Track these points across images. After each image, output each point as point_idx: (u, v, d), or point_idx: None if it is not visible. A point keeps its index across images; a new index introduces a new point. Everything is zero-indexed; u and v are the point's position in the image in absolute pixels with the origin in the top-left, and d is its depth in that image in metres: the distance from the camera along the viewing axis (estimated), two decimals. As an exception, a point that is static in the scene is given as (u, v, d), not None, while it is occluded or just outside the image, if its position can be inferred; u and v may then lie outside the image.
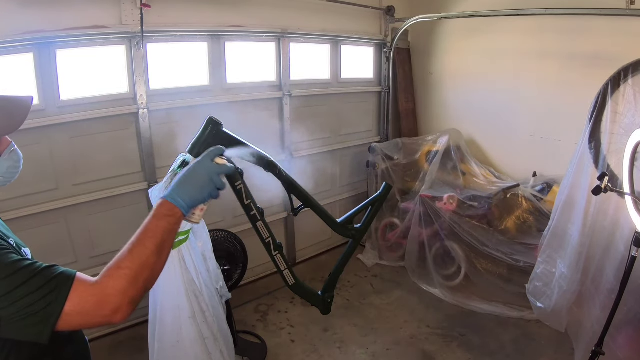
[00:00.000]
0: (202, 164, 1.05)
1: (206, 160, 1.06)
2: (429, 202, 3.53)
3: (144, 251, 0.93)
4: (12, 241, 0.99)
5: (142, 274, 0.92)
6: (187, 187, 1.01)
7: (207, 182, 1.03)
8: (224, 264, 2.59)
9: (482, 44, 3.97)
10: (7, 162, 1.05)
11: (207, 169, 1.04)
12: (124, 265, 0.91)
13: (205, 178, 1.03)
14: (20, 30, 2.35)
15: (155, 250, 0.94)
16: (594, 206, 2.39)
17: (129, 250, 0.93)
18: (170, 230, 0.98)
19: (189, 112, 3.01)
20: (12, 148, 1.06)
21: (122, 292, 0.88)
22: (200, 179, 1.03)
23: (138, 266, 0.91)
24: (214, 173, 1.04)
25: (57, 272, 0.88)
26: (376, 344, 2.97)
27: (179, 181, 1.02)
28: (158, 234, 0.95)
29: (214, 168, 1.05)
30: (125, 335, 2.96)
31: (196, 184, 1.02)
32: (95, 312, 0.87)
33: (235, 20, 3.21)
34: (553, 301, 2.64)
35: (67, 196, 2.69)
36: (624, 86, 2.32)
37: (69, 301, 0.85)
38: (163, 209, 0.98)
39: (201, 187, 1.02)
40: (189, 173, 1.03)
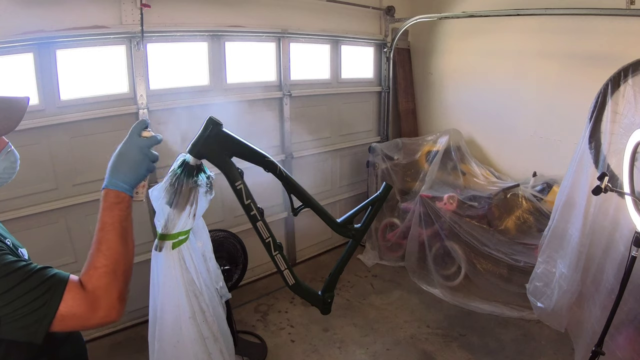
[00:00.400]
0: (129, 142, 1.06)
1: (133, 137, 1.07)
2: (429, 202, 3.53)
3: (110, 245, 0.95)
4: (9, 242, 1.00)
5: (119, 266, 0.94)
6: (123, 169, 1.03)
7: (141, 158, 1.05)
8: (224, 264, 2.59)
9: (482, 44, 3.97)
10: (4, 162, 1.04)
11: (136, 145, 1.05)
12: (99, 264, 0.93)
13: (138, 155, 1.04)
14: (20, 30, 2.35)
15: (120, 241, 0.97)
16: (594, 206, 2.39)
17: (96, 249, 0.95)
18: (126, 216, 1.01)
19: (189, 112, 3.00)
20: (8, 149, 1.05)
21: (108, 289, 0.91)
22: (132, 157, 1.04)
23: (112, 260, 0.94)
24: (144, 147, 1.05)
25: (51, 274, 0.89)
26: (376, 344, 2.97)
27: (113, 165, 1.04)
28: (116, 224, 0.98)
29: (142, 142, 1.06)
30: (125, 335, 2.97)
31: (131, 163, 1.04)
32: (90, 315, 0.89)
33: (235, 20, 3.21)
34: (553, 301, 2.64)
35: (67, 196, 2.69)
36: (624, 86, 2.31)
37: (63, 302, 0.87)
38: (110, 199, 1.01)
39: (137, 165, 1.04)
40: (121, 154, 1.05)
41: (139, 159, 1.04)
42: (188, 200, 1.60)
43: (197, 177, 1.56)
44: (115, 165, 1.03)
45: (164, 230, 1.72)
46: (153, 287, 2.05)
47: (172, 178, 1.55)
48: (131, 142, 1.06)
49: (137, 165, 1.04)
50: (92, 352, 1.18)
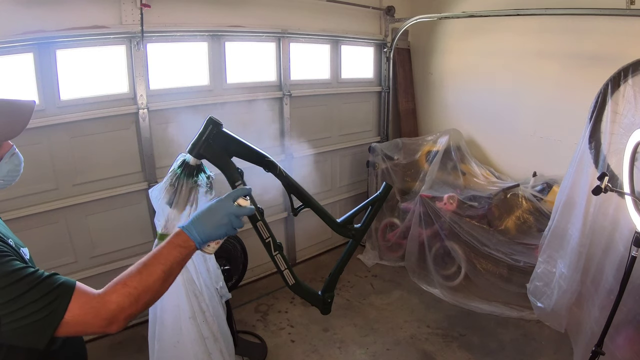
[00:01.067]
0: (224, 203, 1.08)
1: (229, 201, 1.09)
2: (429, 202, 3.53)
3: (152, 275, 0.96)
4: (11, 241, 1.00)
5: (145, 296, 0.95)
6: (205, 223, 1.04)
7: (226, 222, 1.06)
8: (224, 264, 2.59)
9: (482, 44, 3.97)
10: (8, 165, 1.05)
11: (228, 209, 1.07)
12: (131, 284, 0.94)
13: (225, 219, 1.06)
14: (20, 30, 2.35)
15: (163, 277, 0.98)
16: (594, 206, 2.39)
17: (138, 270, 0.96)
18: (181, 260, 1.02)
19: (189, 112, 3.01)
20: (13, 152, 1.06)
21: (121, 309, 0.92)
22: (219, 218, 1.06)
23: (143, 288, 0.95)
24: (233, 215, 1.07)
25: (58, 282, 0.89)
26: (376, 344, 2.97)
27: (200, 215, 1.06)
28: (168, 262, 0.99)
29: (234, 210, 1.08)
30: (125, 335, 2.96)
31: (215, 222, 1.05)
32: (92, 322, 0.90)
33: (235, 20, 3.21)
34: (553, 301, 2.64)
35: (67, 196, 2.69)
36: (624, 86, 2.31)
37: (69, 311, 0.87)
38: (179, 240, 1.02)
39: (219, 226, 1.06)
40: (210, 210, 1.07)
41: (224, 223, 1.06)
42: (188, 200, 1.60)
43: (197, 177, 1.56)
44: (201, 216, 1.06)
45: (164, 230, 1.72)
46: (153, 287, 2.04)
47: (172, 178, 1.55)
48: (224, 204, 1.08)
49: (219, 227, 1.06)
50: (92, 352, 1.18)
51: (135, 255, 2.96)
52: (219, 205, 1.07)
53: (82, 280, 2.84)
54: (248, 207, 1.11)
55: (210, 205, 1.08)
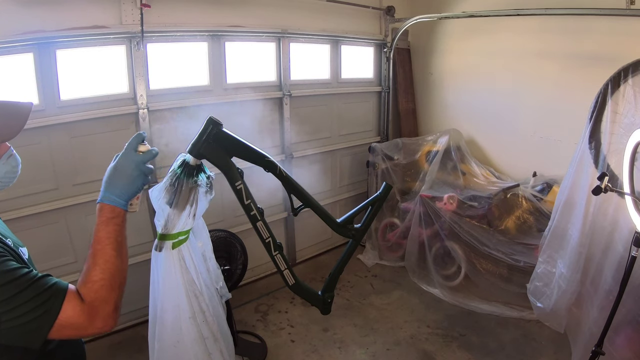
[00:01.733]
0: (125, 157, 1.07)
1: (129, 153, 1.08)
2: (429, 202, 3.53)
3: (107, 259, 0.97)
4: (10, 241, 1.00)
5: (115, 279, 0.97)
6: (119, 184, 1.04)
7: (137, 173, 1.06)
8: (224, 264, 2.59)
9: (482, 44, 3.97)
10: (5, 167, 1.04)
11: (131, 160, 1.06)
12: (96, 277, 0.95)
13: (133, 171, 1.06)
14: (20, 30, 2.35)
15: (116, 254, 0.99)
16: (593, 206, 2.39)
17: (93, 262, 0.97)
18: (120, 230, 1.02)
19: (189, 112, 3.00)
20: (10, 153, 1.05)
21: (106, 301, 0.93)
22: (127, 172, 1.05)
23: (108, 274, 0.96)
24: (139, 162, 1.07)
25: (51, 283, 0.90)
26: (376, 344, 2.97)
27: (109, 179, 1.05)
28: (112, 239, 1.00)
29: (138, 157, 1.07)
30: (125, 335, 2.96)
31: (125, 178, 1.05)
32: (88, 325, 0.91)
33: (235, 20, 3.21)
34: (552, 301, 2.64)
35: (67, 196, 2.69)
36: (624, 86, 2.31)
37: (62, 312, 0.88)
38: (106, 213, 1.02)
39: (131, 180, 1.05)
40: (116, 169, 1.06)
41: (135, 174, 1.06)
42: (188, 200, 1.60)
43: (197, 177, 1.56)
44: (111, 180, 1.05)
45: (164, 230, 1.72)
46: (153, 287, 2.05)
47: (172, 178, 1.55)
48: (127, 157, 1.07)
49: (133, 180, 1.06)
50: (92, 352, 1.19)
51: (135, 255, 2.97)
52: (123, 160, 1.07)
53: (82, 280, 2.77)
54: (150, 151, 1.10)
55: (114, 165, 1.07)
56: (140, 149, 1.09)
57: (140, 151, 1.08)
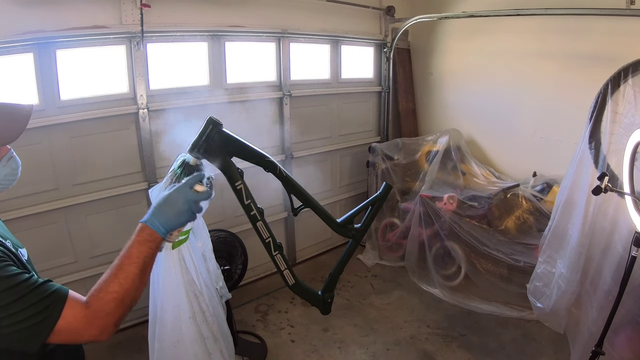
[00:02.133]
0: (181, 191, 1.08)
1: (185, 188, 1.09)
2: (429, 202, 3.53)
3: (129, 275, 0.98)
4: (9, 242, 1.00)
5: (128, 296, 0.97)
6: (166, 213, 1.05)
7: (185, 209, 1.07)
8: (224, 264, 2.59)
9: (482, 44, 3.97)
10: (5, 169, 1.04)
11: (185, 196, 1.07)
12: (112, 289, 0.95)
13: (184, 206, 1.07)
14: (20, 30, 2.35)
15: (139, 274, 0.99)
16: (593, 206, 2.39)
17: (114, 274, 0.97)
18: (152, 254, 1.03)
19: (189, 112, 3.00)
20: (10, 155, 1.05)
21: (111, 314, 0.94)
22: (178, 206, 1.06)
23: (124, 290, 0.96)
24: (191, 201, 1.08)
25: (51, 290, 0.90)
26: (376, 344, 2.97)
27: (159, 206, 1.06)
28: (140, 259, 1.00)
29: (192, 196, 1.08)
30: (125, 335, 2.96)
31: (174, 210, 1.06)
32: (84, 332, 0.92)
33: (235, 20, 3.21)
34: (552, 301, 2.64)
35: (67, 196, 2.69)
36: (624, 86, 2.31)
37: (62, 319, 0.89)
38: (144, 234, 1.03)
39: (179, 214, 1.07)
40: (168, 199, 1.07)
41: (184, 210, 1.07)
42: (188, 200, 1.60)
43: (197, 177, 1.56)
44: (160, 207, 1.06)
45: (164, 230, 1.71)
46: (153, 287, 2.05)
47: (172, 178, 1.54)
48: (182, 192, 1.08)
49: (180, 215, 1.07)
50: (91, 352, 1.19)
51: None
52: (177, 194, 1.08)
53: (82, 280, 2.83)
54: (205, 192, 1.11)
55: (168, 195, 1.08)
56: (197, 188, 1.11)
57: (196, 190, 1.10)
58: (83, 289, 1.02)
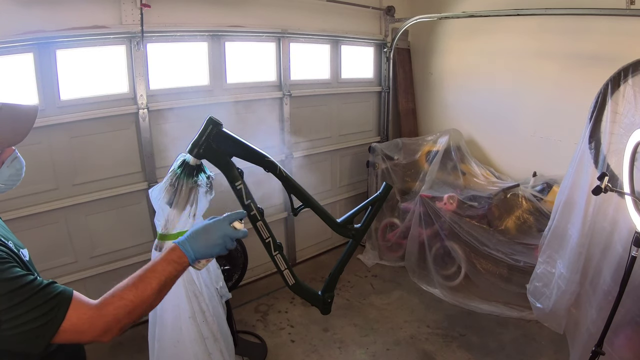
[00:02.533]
0: (221, 225, 1.12)
1: (224, 222, 1.12)
2: (429, 202, 3.53)
3: (148, 289, 0.99)
4: (11, 243, 1.00)
5: (140, 308, 0.98)
6: (200, 242, 1.08)
7: (221, 243, 1.10)
8: (224, 264, 2.59)
9: (482, 44, 3.97)
10: (9, 170, 1.05)
11: (223, 231, 1.10)
12: (127, 297, 0.96)
13: (220, 240, 1.10)
14: (20, 30, 2.35)
15: (157, 290, 1.00)
16: (593, 206, 2.39)
17: (134, 284, 0.98)
18: (175, 275, 1.05)
19: (189, 112, 3.01)
20: (15, 156, 1.05)
21: (118, 320, 0.94)
22: (215, 238, 1.09)
23: (139, 301, 0.97)
24: (227, 235, 1.11)
25: (57, 291, 0.91)
26: (376, 344, 2.97)
27: (196, 233, 1.09)
28: (163, 277, 1.01)
29: (230, 233, 1.11)
30: (125, 335, 2.94)
31: (210, 241, 1.09)
32: (88, 331, 0.92)
33: (235, 20, 3.21)
34: (552, 302, 2.64)
35: (67, 196, 2.69)
36: (624, 86, 2.31)
37: (67, 320, 0.89)
38: (174, 255, 1.05)
39: (213, 246, 1.09)
40: (207, 229, 1.10)
41: (218, 243, 1.10)
42: (188, 200, 1.60)
43: (197, 177, 1.56)
44: (197, 234, 1.09)
45: (164, 230, 1.72)
46: (153, 287, 2.04)
47: (172, 178, 1.55)
48: (221, 226, 1.11)
49: (214, 247, 1.09)
50: (92, 352, 1.19)
51: (135, 255, 2.97)
52: (216, 226, 1.11)
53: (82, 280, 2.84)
54: (242, 231, 1.15)
55: (207, 224, 1.11)
56: (236, 225, 1.14)
57: (234, 226, 1.13)
58: (83, 289, 1.02)
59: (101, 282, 2.83)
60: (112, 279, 3.25)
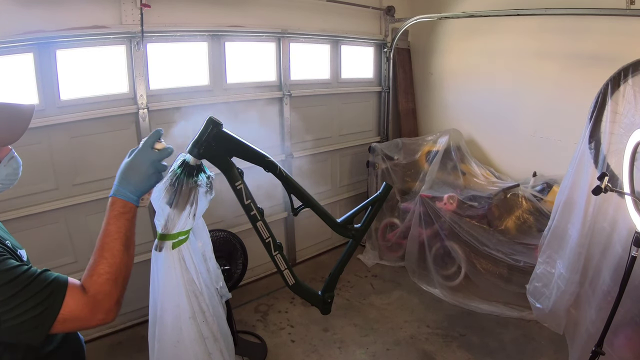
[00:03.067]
0: (141, 154, 1.08)
1: (145, 150, 1.08)
2: (429, 202, 3.53)
3: (115, 253, 0.99)
4: (9, 243, 1.00)
5: (120, 273, 0.98)
6: (132, 180, 1.05)
7: (151, 171, 1.07)
8: (224, 264, 2.59)
9: (482, 44, 3.97)
10: (6, 169, 1.04)
11: (147, 158, 1.07)
12: (102, 270, 0.96)
13: (149, 168, 1.07)
14: (20, 30, 2.35)
15: (124, 249, 1.00)
16: (593, 206, 2.39)
17: (100, 255, 0.98)
18: (130, 225, 1.04)
19: (189, 112, 3.00)
20: (11, 155, 1.05)
21: (109, 295, 0.94)
22: (143, 169, 1.06)
23: (115, 268, 0.97)
24: (155, 160, 1.08)
25: (51, 278, 0.91)
26: (376, 344, 2.97)
27: (124, 174, 1.05)
28: (121, 233, 1.01)
29: (154, 155, 1.08)
30: (125, 335, 2.97)
31: (140, 174, 1.06)
32: (91, 317, 0.92)
33: (235, 20, 3.21)
34: (551, 302, 2.64)
35: (67, 196, 2.69)
36: (624, 86, 2.31)
37: (65, 307, 0.89)
38: (117, 208, 1.03)
39: (146, 177, 1.06)
40: (131, 165, 1.06)
41: (150, 172, 1.07)
42: (188, 200, 1.60)
43: (197, 177, 1.56)
44: (125, 175, 1.06)
45: (164, 230, 1.72)
46: (153, 287, 2.05)
47: (172, 178, 1.55)
48: (143, 154, 1.08)
49: (147, 178, 1.07)
50: (92, 352, 1.19)
51: (135, 255, 2.96)
52: (138, 158, 1.07)
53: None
54: (166, 149, 1.11)
55: (129, 160, 1.07)
56: (157, 146, 1.09)
57: (156, 148, 1.09)
58: (83, 289, 1.02)
59: (101, 282, 2.83)
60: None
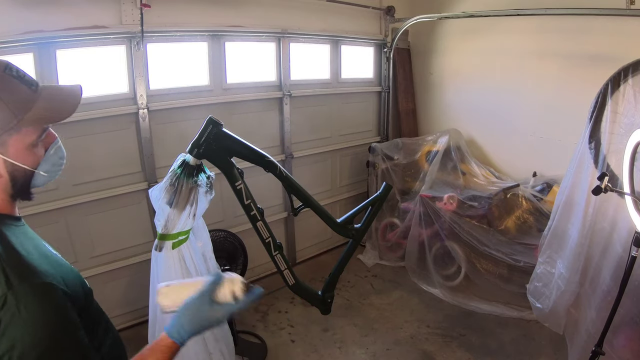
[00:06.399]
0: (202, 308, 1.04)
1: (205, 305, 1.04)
2: (429, 202, 3.53)
3: None
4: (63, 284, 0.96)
5: None
6: (189, 328, 1.02)
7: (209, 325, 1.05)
8: (224, 264, 2.59)
9: (482, 44, 3.97)
10: (52, 158, 1.02)
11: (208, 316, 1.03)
12: None
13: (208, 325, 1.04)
14: (20, 30, 2.35)
15: None
16: (593, 206, 2.39)
17: None
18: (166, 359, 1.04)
19: (189, 112, 3.01)
20: (57, 144, 1.03)
21: None
22: (206, 324, 1.04)
23: None
24: (215, 320, 1.04)
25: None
26: (376, 344, 2.97)
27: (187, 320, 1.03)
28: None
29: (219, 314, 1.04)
30: (125, 336, 2.94)
31: (199, 327, 1.03)
32: None
33: (235, 20, 3.21)
34: (551, 302, 2.64)
35: (67, 196, 2.69)
36: (624, 86, 2.31)
37: None
38: (164, 345, 1.05)
39: (205, 329, 1.04)
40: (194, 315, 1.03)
41: (207, 326, 1.04)
42: (188, 200, 1.60)
43: (197, 177, 1.56)
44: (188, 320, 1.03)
45: (164, 230, 1.72)
46: (153, 287, 2.05)
47: (172, 178, 1.55)
48: (201, 310, 1.03)
49: (204, 329, 1.05)
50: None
51: (135, 255, 2.97)
52: (200, 311, 1.04)
53: (82, 280, 2.74)
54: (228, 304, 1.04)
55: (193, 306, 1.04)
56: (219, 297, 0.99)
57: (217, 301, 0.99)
58: (83, 289, 1.02)
59: (101, 282, 2.83)
60: (112, 279, 3.24)
